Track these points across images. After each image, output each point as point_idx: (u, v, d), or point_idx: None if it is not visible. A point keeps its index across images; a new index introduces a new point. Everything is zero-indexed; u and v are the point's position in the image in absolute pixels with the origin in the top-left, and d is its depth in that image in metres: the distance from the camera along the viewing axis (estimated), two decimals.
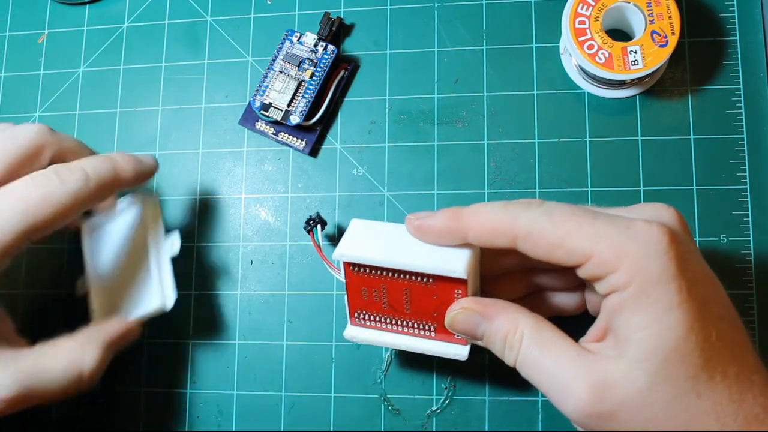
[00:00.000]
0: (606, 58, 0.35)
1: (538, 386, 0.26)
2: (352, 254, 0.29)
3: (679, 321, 0.23)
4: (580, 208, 0.26)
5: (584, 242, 0.25)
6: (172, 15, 0.43)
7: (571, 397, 0.25)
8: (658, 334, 0.23)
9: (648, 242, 0.24)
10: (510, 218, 0.26)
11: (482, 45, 0.39)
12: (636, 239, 0.24)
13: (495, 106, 0.39)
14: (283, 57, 0.39)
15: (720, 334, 0.24)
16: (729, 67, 0.37)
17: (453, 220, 0.27)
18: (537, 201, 0.27)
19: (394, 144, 0.39)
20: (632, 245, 0.24)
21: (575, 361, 0.25)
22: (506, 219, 0.26)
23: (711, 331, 0.24)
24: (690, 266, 0.24)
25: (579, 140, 0.38)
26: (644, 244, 0.24)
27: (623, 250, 0.24)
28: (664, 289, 0.24)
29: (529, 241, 0.26)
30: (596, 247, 0.24)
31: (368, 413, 0.36)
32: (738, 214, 0.36)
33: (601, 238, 0.24)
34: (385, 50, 0.40)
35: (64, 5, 0.44)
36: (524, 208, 0.26)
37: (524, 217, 0.26)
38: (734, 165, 0.36)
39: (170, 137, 0.41)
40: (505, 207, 0.27)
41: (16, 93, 0.43)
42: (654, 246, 0.24)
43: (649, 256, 0.24)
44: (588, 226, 0.25)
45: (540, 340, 0.26)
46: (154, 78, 0.42)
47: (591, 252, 0.24)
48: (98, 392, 0.37)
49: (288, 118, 0.39)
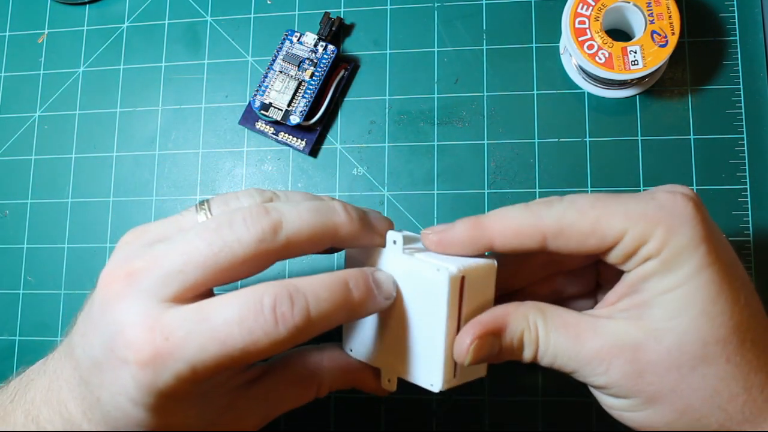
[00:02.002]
0: (606, 58, 0.35)
1: (564, 369, 0.26)
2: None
3: (709, 281, 0.23)
4: (600, 194, 0.26)
5: (615, 222, 0.24)
6: (172, 15, 0.43)
7: (600, 366, 0.24)
8: (688, 294, 0.23)
9: (674, 209, 0.24)
10: (535, 218, 0.25)
11: (482, 45, 0.39)
12: (663, 208, 0.24)
13: (495, 106, 0.39)
14: (283, 57, 0.39)
15: (746, 298, 0.24)
16: (729, 67, 0.37)
17: (475, 228, 0.26)
18: (556, 198, 0.26)
19: (394, 144, 0.39)
20: (661, 214, 0.24)
21: (593, 330, 0.25)
22: (532, 220, 0.25)
23: (739, 295, 0.24)
24: (716, 232, 0.25)
25: (579, 140, 0.38)
26: (672, 212, 0.24)
27: (654, 219, 0.24)
28: (694, 251, 0.24)
29: (561, 237, 0.25)
30: (628, 223, 0.24)
31: (368, 413, 0.36)
32: (738, 214, 0.36)
33: (631, 214, 0.24)
34: (385, 50, 0.40)
35: (64, 5, 0.44)
36: (547, 206, 0.26)
37: (550, 215, 0.25)
38: (734, 165, 0.36)
39: (170, 137, 0.41)
40: (528, 208, 0.26)
41: (16, 93, 0.43)
42: (681, 211, 0.24)
43: (679, 221, 0.24)
44: (615, 206, 0.25)
45: (553, 323, 0.26)
46: (154, 78, 0.42)
47: (624, 229, 0.24)
48: None
49: (288, 118, 0.39)
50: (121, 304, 0.24)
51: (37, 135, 0.42)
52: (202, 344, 0.23)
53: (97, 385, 0.25)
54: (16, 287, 0.41)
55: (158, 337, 0.23)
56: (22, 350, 0.40)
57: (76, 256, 0.40)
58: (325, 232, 0.25)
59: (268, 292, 0.24)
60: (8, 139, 0.43)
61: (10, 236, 0.41)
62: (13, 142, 0.43)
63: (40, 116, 0.43)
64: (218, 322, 0.23)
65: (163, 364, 0.23)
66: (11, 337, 0.40)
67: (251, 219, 0.24)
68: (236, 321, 0.23)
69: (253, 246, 0.24)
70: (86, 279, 0.40)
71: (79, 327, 0.26)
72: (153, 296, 0.24)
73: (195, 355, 0.23)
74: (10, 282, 0.41)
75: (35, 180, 0.42)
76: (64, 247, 0.41)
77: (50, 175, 0.42)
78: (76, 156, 0.42)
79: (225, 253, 0.24)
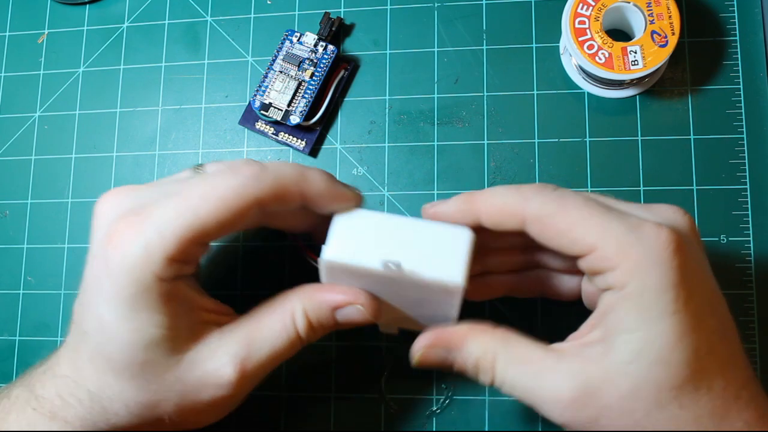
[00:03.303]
0: (606, 58, 0.35)
1: (521, 400, 0.26)
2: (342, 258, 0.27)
3: (670, 330, 0.23)
4: (594, 200, 0.26)
5: (590, 234, 0.24)
6: (172, 15, 0.43)
7: (556, 406, 0.25)
8: (647, 340, 0.23)
9: (653, 246, 0.24)
10: (521, 200, 0.26)
11: (482, 45, 0.39)
12: (642, 241, 0.24)
13: (495, 106, 0.39)
14: (283, 57, 0.39)
15: (711, 347, 0.24)
16: (729, 67, 0.37)
17: (466, 203, 0.27)
18: (551, 186, 0.26)
19: (394, 144, 0.39)
20: (637, 246, 0.24)
21: (554, 369, 0.25)
22: (517, 201, 0.26)
23: (702, 344, 0.24)
24: (692, 276, 0.24)
25: (579, 140, 0.38)
26: (649, 248, 0.24)
27: (627, 249, 0.24)
28: (659, 296, 0.23)
29: (537, 224, 0.26)
30: (601, 241, 0.24)
31: (368, 413, 0.36)
32: (738, 214, 0.36)
33: (608, 234, 0.24)
34: (385, 50, 0.40)
35: (64, 5, 0.44)
36: (537, 192, 0.26)
37: (535, 201, 0.26)
38: (734, 165, 0.36)
39: (170, 137, 0.41)
40: (518, 189, 0.27)
41: (16, 93, 0.43)
42: (658, 251, 0.24)
43: (652, 260, 0.24)
44: (597, 218, 0.25)
45: (513, 357, 0.26)
46: (154, 78, 0.42)
47: (595, 245, 0.24)
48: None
49: (288, 118, 0.39)
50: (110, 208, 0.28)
51: (37, 135, 0.42)
52: (167, 204, 0.26)
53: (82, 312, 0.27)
54: (16, 287, 0.41)
55: (132, 216, 0.26)
56: (22, 350, 0.40)
57: (76, 256, 0.40)
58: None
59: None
60: (8, 139, 0.43)
61: (10, 236, 0.41)
62: (13, 142, 0.43)
63: (40, 116, 0.43)
64: (192, 193, 0.26)
65: (131, 233, 0.26)
66: (11, 337, 0.40)
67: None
68: (196, 182, 0.27)
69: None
70: None
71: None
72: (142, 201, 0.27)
73: (160, 214, 0.26)
74: (10, 282, 0.41)
75: (35, 180, 0.42)
76: (64, 247, 0.41)
77: (50, 175, 0.42)
78: (76, 156, 0.42)
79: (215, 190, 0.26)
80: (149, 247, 0.25)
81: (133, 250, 0.25)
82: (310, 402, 0.37)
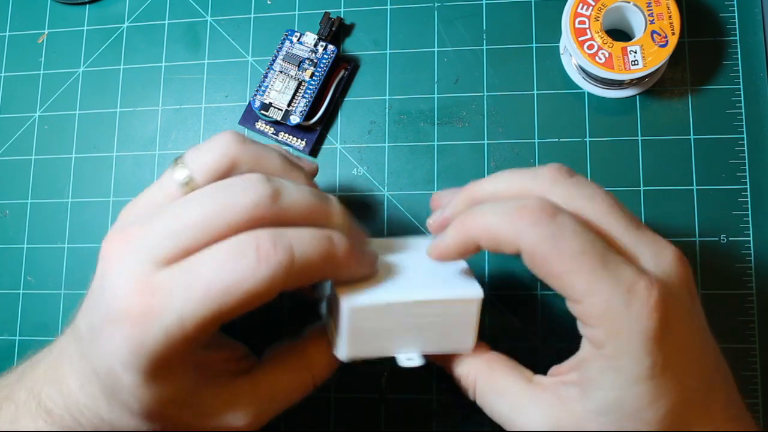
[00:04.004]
0: (606, 58, 0.35)
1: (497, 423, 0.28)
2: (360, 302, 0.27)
3: (644, 394, 0.23)
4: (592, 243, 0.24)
5: (579, 288, 0.24)
6: (172, 15, 0.43)
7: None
8: (621, 399, 0.24)
9: (640, 314, 0.23)
10: (516, 232, 0.24)
11: (482, 45, 0.39)
12: (630, 309, 0.23)
13: (495, 106, 0.39)
14: (283, 57, 0.39)
15: (687, 405, 0.24)
16: (729, 67, 0.37)
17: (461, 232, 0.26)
18: (549, 210, 0.24)
19: (394, 144, 0.39)
20: (623, 314, 0.23)
21: (529, 404, 0.26)
22: (512, 232, 0.24)
23: (679, 403, 0.24)
24: (676, 340, 0.24)
25: (579, 140, 0.38)
26: (635, 316, 0.23)
27: (612, 314, 0.23)
28: (638, 362, 0.23)
29: (528, 260, 0.25)
30: (588, 298, 0.23)
31: (368, 413, 0.36)
32: (738, 214, 0.36)
33: (596, 293, 0.23)
34: (385, 50, 0.40)
35: (64, 5, 0.44)
36: (532, 223, 0.24)
37: (529, 236, 0.24)
38: (734, 165, 0.36)
39: (170, 137, 0.41)
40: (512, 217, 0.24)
41: (16, 93, 0.43)
42: (644, 319, 0.23)
43: (635, 329, 0.23)
44: (588, 274, 0.23)
45: (492, 387, 0.28)
46: (154, 78, 0.42)
47: (581, 299, 0.24)
48: None
49: (288, 118, 0.39)
50: (116, 268, 0.24)
51: (37, 135, 0.42)
52: (186, 293, 0.23)
53: (93, 354, 0.25)
54: (16, 287, 0.41)
55: (147, 296, 0.23)
56: (22, 350, 0.40)
57: (76, 256, 0.40)
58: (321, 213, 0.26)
59: (251, 236, 0.24)
60: (8, 139, 0.43)
61: (10, 236, 0.41)
62: (13, 142, 0.43)
63: (40, 116, 0.43)
64: (202, 270, 0.23)
65: (151, 319, 0.23)
66: (11, 337, 0.40)
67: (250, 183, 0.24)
68: (219, 265, 0.23)
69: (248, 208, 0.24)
70: (86, 279, 0.40)
71: (83, 303, 0.27)
72: (147, 259, 0.24)
73: (181, 305, 0.23)
74: (10, 282, 0.41)
75: (35, 180, 0.42)
76: (64, 247, 0.41)
77: (50, 175, 0.42)
78: (76, 156, 0.42)
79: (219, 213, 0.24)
80: (169, 335, 0.23)
81: (154, 335, 0.23)
82: (310, 402, 0.37)
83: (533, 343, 0.36)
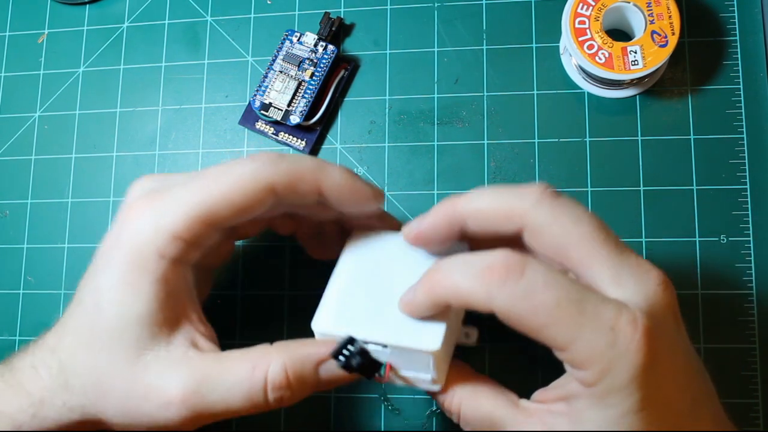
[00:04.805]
0: (606, 58, 0.35)
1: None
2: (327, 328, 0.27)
3: (634, 425, 0.23)
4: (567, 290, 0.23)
5: (560, 338, 0.23)
6: (172, 15, 0.43)
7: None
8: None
9: (625, 351, 0.23)
10: (486, 294, 0.24)
11: (482, 45, 0.39)
12: (614, 347, 0.23)
13: (495, 106, 0.39)
14: (283, 57, 0.39)
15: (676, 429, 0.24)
16: (729, 67, 0.37)
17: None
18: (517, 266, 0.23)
19: (394, 144, 0.39)
20: (608, 353, 0.23)
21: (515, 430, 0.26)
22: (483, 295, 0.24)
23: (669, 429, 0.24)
24: (663, 370, 0.24)
25: (579, 140, 0.38)
26: (620, 353, 0.23)
27: (596, 356, 0.23)
28: (626, 398, 0.23)
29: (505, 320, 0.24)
30: (572, 345, 0.23)
31: (368, 413, 0.36)
32: (738, 214, 0.36)
33: (578, 339, 0.23)
34: (385, 50, 0.40)
35: (64, 5, 0.44)
36: (501, 283, 0.23)
37: (501, 297, 0.23)
38: (734, 165, 0.36)
39: (170, 137, 0.41)
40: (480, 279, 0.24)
41: (16, 93, 0.43)
42: (629, 355, 0.23)
43: (621, 365, 0.23)
44: (567, 325, 0.23)
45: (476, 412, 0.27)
46: (154, 78, 0.42)
47: (566, 346, 0.23)
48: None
49: (288, 118, 0.39)
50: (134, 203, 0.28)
51: (37, 135, 0.42)
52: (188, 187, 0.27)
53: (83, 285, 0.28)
54: (16, 287, 0.41)
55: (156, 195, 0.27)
56: None
57: (76, 256, 0.40)
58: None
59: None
60: (8, 139, 0.43)
61: (10, 236, 0.41)
62: (13, 142, 0.43)
63: (40, 116, 0.43)
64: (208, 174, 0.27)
65: (165, 198, 0.27)
66: (11, 337, 0.40)
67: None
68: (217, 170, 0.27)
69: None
70: None
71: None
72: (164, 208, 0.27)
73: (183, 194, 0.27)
74: (10, 282, 0.41)
75: (35, 180, 0.42)
76: (64, 247, 0.41)
77: (50, 175, 0.42)
78: (76, 156, 0.42)
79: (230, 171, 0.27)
80: (158, 223, 0.26)
81: (143, 224, 0.26)
82: (310, 402, 0.37)
83: (532, 351, 0.36)
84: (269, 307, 0.38)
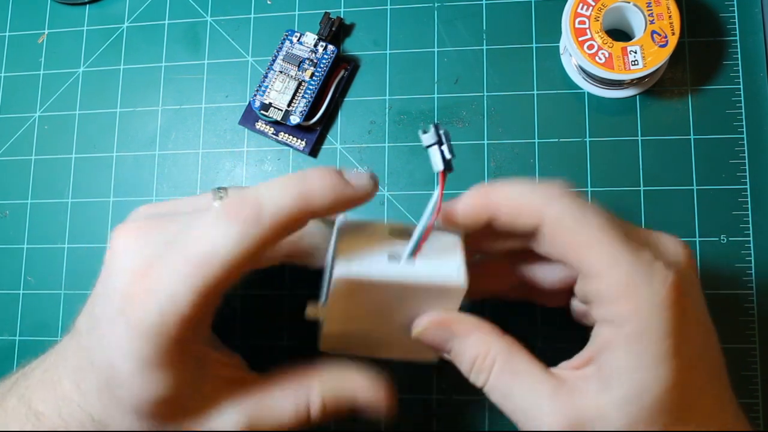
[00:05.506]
0: (606, 58, 0.35)
1: (507, 414, 0.26)
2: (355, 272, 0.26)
3: (667, 375, 0.23)
4: (613, 222, 0.24)
5: (602, 259, 0.24)
6: (172, 15, 0.43)
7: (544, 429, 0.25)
8: (644, 383, 0.23)
9: (660, 291, 0.23)
10: (542, 201, 0.25)
11: (482, 45, 0.39)
12: (651, 284, 0.23)
13: (495, 106, 0.39)
14: (283, 57, 0.39)
15: (701, 390, 0.24)
16: (729, 67, 0.37)
17: (482, 197, 0.26)
18: (572, 192, 0.25)
19: (394, 144, 0.39)
20: (644, 288, 0.23)
21: (551, 395, 0.25)
22: (538, 201, 0.25)
23: (693, 388, 0.24)
24: (691, 321, 0.24)
25: (579, 140, 0.38)
26: (656, 292, 0.23)
27: (633, 288, 0.23)
28: (659, 342, 0.23)
29: (551, 232, 0.25)
30: (610, 270, 0.23)
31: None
32: (738, 214, 0.36)
33: (618, 265, 0.23)
34: (385, 50, 0.40)
35: (64, 5, 0.44)
36: (560, 195, 0.25)
37: (556, 206, 0.25)
38: (734, 165, 0.36)
39: (170, 137, 0.41)
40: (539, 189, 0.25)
41: (16, 93, 0.43)
42: (664, 296, 0.23)
43: (656, 305, 0.23)
44: (612, 246, 0.24)
45: (513, 370, 0.26)
46: (154, 78, 0.42)
47: (602, 272, 0.24)
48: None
49: (288, 118, 0.39)
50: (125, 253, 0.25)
51: (37, 135, 0.42)
52: (172, 267, 0.24)
53: (91, 345, 0.26)
54: (16, 287, 0.41)
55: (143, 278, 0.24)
56: (22, 350, 0.40)
57: (76, 256, 0.40)
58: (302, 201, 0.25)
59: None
60: (8, 139, 0.43)
61: (10, 236, 0.41)
62: (13, 142, 0.43)
63: (40, 116, 0.43)
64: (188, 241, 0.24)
65: (145, 299, 0.24)
66: (11, 337, 0.40)
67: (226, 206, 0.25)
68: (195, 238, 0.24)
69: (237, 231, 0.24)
70: (86, 279, 0.40)
71: (83, 307, 0.27)
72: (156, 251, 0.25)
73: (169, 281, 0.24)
74: (10, 282, 0.41)
75: (35, 180, 0.42)
76: (64, 247, 0.41)
77: (50, 175, 0.42)
78: (76, 156, 0.42)
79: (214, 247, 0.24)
80: (164, 314, 0.24)
81: (150, 316, 0.24)
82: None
83: (532, 343, 0.36)
84: (269, 307, 0.38)
